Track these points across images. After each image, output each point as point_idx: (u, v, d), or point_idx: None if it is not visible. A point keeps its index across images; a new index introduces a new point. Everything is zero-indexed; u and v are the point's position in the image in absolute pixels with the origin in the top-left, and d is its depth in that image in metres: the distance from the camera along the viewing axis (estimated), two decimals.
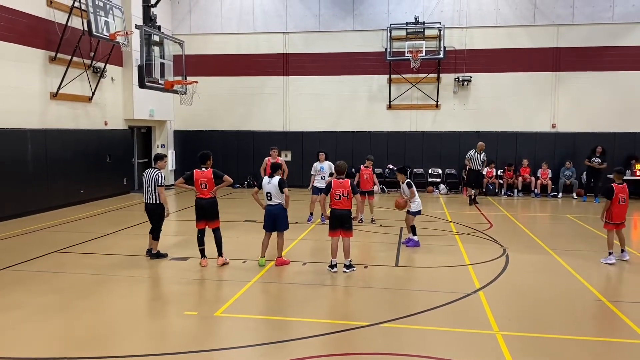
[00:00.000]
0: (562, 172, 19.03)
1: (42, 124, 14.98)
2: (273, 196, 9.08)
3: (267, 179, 9.15)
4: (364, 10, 20.60)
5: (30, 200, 14.31)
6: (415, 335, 6.25)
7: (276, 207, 9.12)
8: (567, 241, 11.57)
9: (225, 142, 21.34)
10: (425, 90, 20.48)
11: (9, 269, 8.93)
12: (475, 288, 7.99)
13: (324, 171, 13.32)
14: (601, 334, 6.49)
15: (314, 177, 13.40)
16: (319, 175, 13.33)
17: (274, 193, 9.06)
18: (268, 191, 9.10)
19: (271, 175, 9.16)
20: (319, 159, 13.51)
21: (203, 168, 9.11)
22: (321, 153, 13.62)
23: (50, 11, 15.13)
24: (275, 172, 9.21)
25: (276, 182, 9.05)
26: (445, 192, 20.03)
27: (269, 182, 9.11)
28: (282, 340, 6.05)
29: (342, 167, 9.01)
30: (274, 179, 9.10)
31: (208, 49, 21.42)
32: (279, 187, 9.03)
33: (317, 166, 13.44)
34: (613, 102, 19.24)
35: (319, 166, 13.42)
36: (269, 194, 9.11)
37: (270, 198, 9.11)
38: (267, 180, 9.15)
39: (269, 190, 9.09)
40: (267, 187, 9.11)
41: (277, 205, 9.12)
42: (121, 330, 6.41)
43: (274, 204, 9.12)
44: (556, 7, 19.45)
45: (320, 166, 13.41)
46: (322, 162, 13.43)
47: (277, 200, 9.09)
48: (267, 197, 9.13)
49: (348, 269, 8.89)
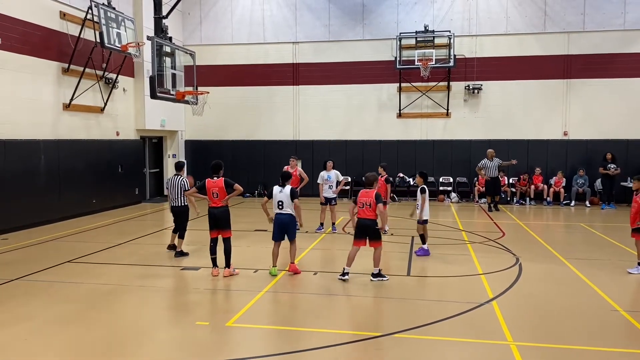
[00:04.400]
0: (575, 180, 18.87)
1: (54, 134, 15.13)
2: (285, 205, 9.07)
3: (279, 188, 9.13)
4: (374, 20, 20.66)
5: (43, 211, 14.42)
6: (429, 346, 6.20)
7: (287, 216, 9.12)
8: (581, 250, 11.44)
9: (236, 152, 21.41)
10: (436, 99, 20.45)
11: (22, 279, 8.98)
12: (488, 298, 7.91)
13: (330, 180, 13.24)
14: (617, 344, 6.38)
15: (322, 186, 13.33)
16: (327, 184, 13.24)
17: (286, 202, 9.05)
18: (280, 200, 9.08)
19: (283, 184, 9.16)
20: (326, 167, 13.43)
21: (215, 177, 9.14)
22: (329, 162, 13.56)
23: (63, 23, 15.33)
24: (286, 181, 9.21)
25: (288, 192, 9.06)
26: (457, 200, 19.92)
27: (280, 191, 9.10)
28: (293, 351, 6.02)
29: (371, 178, 9.02)
30: (285, 188, 9.10)
31: (218, 60, 21.56)
32: (290, 196, 9.03)
33: (324, 175, 13.35)
34: (625, 109, 19.08)
35: (325, 175, 13.34)
36: (280, 203, 9.08)
37: (282, 207, 9.09)
38: (278, 189, 9.14)
39: (280, 199, 9.07)
40: (278, 195, 9.10)
41: (287, 215, 9.11)
42: (133, 340, 6.42)
43: (285, 213, 9.11)
44: (566, 15, 19.38)
45: (327, 175, 13.32)
46: (329, 171, 13.34)
47: (288, 209, 9.09)
48: (279, 205, 9.11)
49: (375, 277, 8.85)
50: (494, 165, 17.50)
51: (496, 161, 17.54)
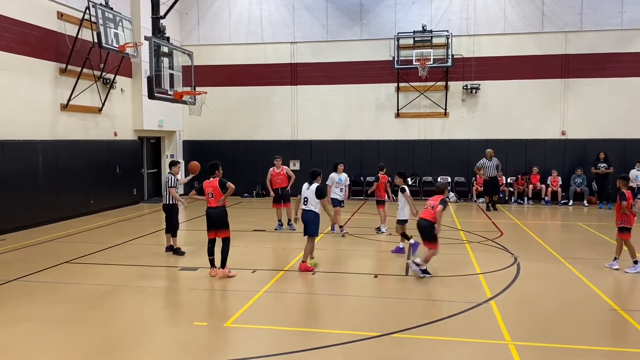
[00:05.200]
0: (573, 179, 18.90)
1: (52, 135, 15.11)
2: (309, 202, 9.26)
3: (307, 185, 9.38)
4: (372, 20, 20.67)
5: (41, 211, 14.40)
6: (427, 346, 6.20)
7: (309, 212, 9.29)
8: (579, 249, 11.46)
9: (234, 152, 21.40)
10: (434, 99, 20.46)
11: (20, 280, 8.97)
12: (486, 297, 7.91)
13: (341, 183, 12.95)
14: (615, 343, 6.39)
15: (330, 187, 12.93)
16: (338, 187, 12.92)
17: (311, 199, 9.23)
18: (305, 196, 9.31)
19: (310, 182, 9.37)
20: (337, 170, 13.10)
21: (211, 178, 9.13)
22: (340, 164, 13.17)
23: (60, 24, 15.31)
24: (314, 179, 9.41)
25: (314, 189, 9.24)
26: (455, 200, 19.93)
27: (307, 188, 9.34)
28: (291, 351, 6.01)
29: (442, 187, 9.53)
30: (312, 186, 9.31)
31: (216, 60, 21.55)
32: (316, 194, 9.18)
33: (334, 177, 12.98)
34: (623, 109, 19.13)
35: (336, 178, 12.96)
36: (305, 199, 9.31)
37: (307, 203, 9.29)
38: (306, 186, 9.38)
39: (306, 195, 9.31)
40: (305, 192, 9.34)
41: (310, 211, 9.28)
42: (131, 341, 6.41)
43: (308, 210, 9.29)
44: (564, 14, 19.41)
45: (338, 178, 12.99)
46: (340, 174, 13.04)
47: (311, 206, 9.25)
48: (304, 202, 9.33)
49: (422, 272, 9.02)
50: (493, 165, 17.55)
51: (495, 161, 17.58)
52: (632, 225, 9.50)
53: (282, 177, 13.71)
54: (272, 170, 13.79)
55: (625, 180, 9.90)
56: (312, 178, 9.41)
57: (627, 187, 9.77)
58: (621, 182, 9.86)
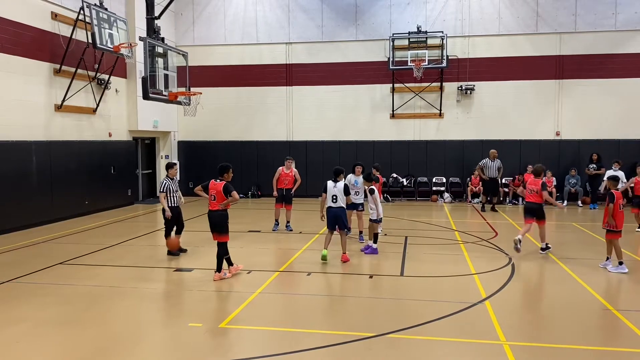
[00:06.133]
0: (567, 179, 18.99)
1: (46, 136, 15.05)
2: (338, 199, 10.00)
3: (332, 183, 10.07)
4: (367, 20, 20.69)
5: (35, 212, 14.34)
6: (422, 346, 6.21)
7: (339, 209, 10.04)
8: (573, 249, 11.50)
9: (229, 153, 21.32)
10: (429, 99, 20.50)
11: (14, 282, 8.93)
12: (481, 297, 7.93)
13: (357, 186, 12.03)
14: (609, 343, 6.42)
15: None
16: (353, 190, 11.97)
17: (340, 196, 9.99)
18: (334, 194, 10.01)
19: (335, 180, 10.06)
20: (355, 172, 12.20)
21: (219, 180, 9.00)
22: (358, 166, 12.25)
23: (55, 24, 15.25)
24: (338, 176, 10.10)
25: (342, 187, 10.01)
26: (450, 200, 19.98)
27: (334, 186, 10.04)
28: (287, 351, 6.01)
29: (539, 169, 10.93)
30: (339, 184, 10.04)
31: (211, 60, 21.52)
32: (344, 191, 9.97)
33: (351, 179, 12.11)
34: (617, 109, 19.23)
35: (353, 180, 12.12)
36: (334, 197, 10.02)
37: (336, 200, 10.02)
38: (332, 184, 10.07)
39: (334, 193, 10.02)
40: (332, 190, 10.04)
41: (339, 208, 10.04)
42: (126, 342, 6.39)
43: (337, 207, 10.03)
44: (558, 15, 19.49)
45: (354, 180, 12.12)
46: (358, 176, 12.09)
47: (340, 203, 10.01)
48: (333, 199, 10.05)
49: (543, 250, 10.78)
50: (495, 166, 17.57)
51: (497, 162, 17.60)
52: (619, 228, 9.48)
53: (290, 178, 13.62)
54: (282, 170, 13.69)
55: (614, 181, 9.91)
56: (336, 176, 10.09)
57: (616, 187, 9.77)
58: (610, 183, 9.89)
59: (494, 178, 17.63)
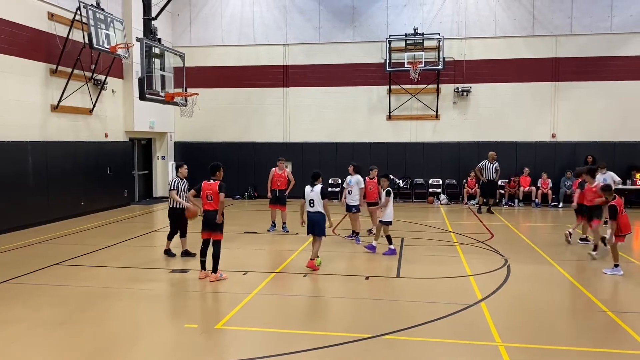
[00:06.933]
0: (563, 182, 19.04)
1: (42, 136, 15.01)
2: (316, 203, 9.50)
3: (310, 188, 9.60)
4: (364, 22, 20.72)
5: (31, 213, 14.30)
6: (418, 347, 6.22)
7: (317, 214, 9.54)
8: (569, 251, 11.53)
9: (226, 154, 21.31)
10: (425, 101, 20.54)
11: (9, 282, 8.90)
12: (477, 299, 7.95)
13: (350, 185, 12.24)
14: (604, 345, 6.44)
15: (346, 191, 12.55)
16: (347, 189, 12.32)
17: (317, 200, 9.49)
18: (311, 198, 9.54)
19: (312, 183, 9.59)
20: (349, 171, 12.53)
21: (212, 180, 9.02)
22: (350, 165, 12.53)
23: (51, 24, 15.22)
24: (316, 180, 9.61)
25: (318, 190, 9.53)
26: (446, 202, 20.01)
27: (311, 190, 9.56)
28: (283, 353, 6.01)
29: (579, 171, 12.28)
30: (316, 187, 9.56)
31: (208, 61, 21.52)
32: (320, 195, 9.47)
33: (347, 179, 12.50)
34: (612, 112, 19.30)
35: (348, 179, 12.42)
36: (311, 201, 9.54)
37: (313, 205, 9.53)
38: (309, 188, 9.60)
39: (312, 197, 9.54)
40: (310, 194, 9.57)
41: (318, 213, 9.53)
42: (122, 343, 6.38)
43: (316, 212, 9.53)
44: (554, 18, 19.57)
45: (349, 179, 12.37)
46: (353, 175, 12.34)
47: (318, 207, 9.51)
48: (310, 204, 9.57)
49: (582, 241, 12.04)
50: (493, 168, 17.60)
51: (495, 164, 17.63)
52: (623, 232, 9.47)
53: (283, 179, 13.61)
54: (274, 171, 13.70)
55: (609, 191, 9.71)
56: (314, 180, 9.61)
57: (612, 196, 9.54)
58: (605, 194, 9.74)
59: (492, 180, 17.67)
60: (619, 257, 9.52)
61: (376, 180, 12.96)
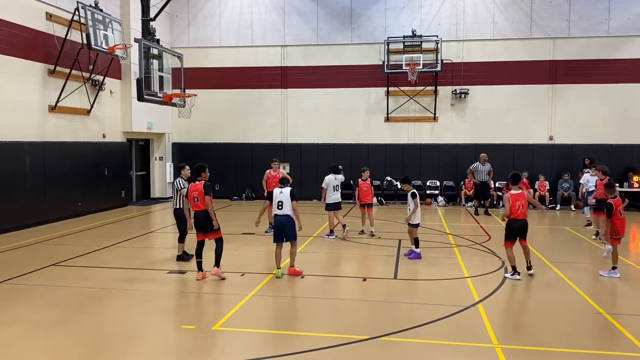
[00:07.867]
0: (560, 184, 19.08)
1: (40, 136, 14.99)
2: (284, 206, 9.15)
3: (279, 190, 9.29)
4: (362, 24, 20.75)
5: (28, 213, 14.27)
6: (415, 349, 6.23)
7: (285, 217, 9.18)
8: (566, 253, 11.56)
9: (224, 155, 21.37)
10: (423, 103, 20.58)
11: (6, 283, 8.89)
12: (474, 301, 7.96)
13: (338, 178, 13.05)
14: (601, 347, 6.46)
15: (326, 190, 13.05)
16: (334, 184, 13.00)
17: (286, 203, 9.14)
18: (280, 200, 9.18)
19: (281, 186, 9.37)
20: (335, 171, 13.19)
21: (197, 181, 9.07)
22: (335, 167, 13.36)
23: (49, 25, 15.21)
24: (284, 184, 9.41)
25: (288, 193, 9.21)
26: (444, 204, 20.04)
27: (280, 192, 9.25)
28: (280, 354, 6.02)
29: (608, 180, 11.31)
30: (285, 189, 9.28)
31: (206, 62, 21.53)
32: (290, 197, 9.16)
33: (331, 178, 13.02)
34: (609, 114, 19.36)
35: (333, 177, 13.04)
36: (280, 204, 9.18)
37: (282, 207, 9.17)
38: (278, 190, 9.30)
39: (280, 199, 9.18)
40: (279, 196, 9.21)
41: (286, 216, 9.17)
42: (120, 344, 6.37)
43: (283, 215, 9.17)
44: (552, 21, 19.63)
45: (334, 177, 13.05)
46: (328, 175, 13.09)
47: (287, 211, 9.15)
48: (279, 206, 9.20)
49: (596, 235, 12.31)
50: (485, 169, 17.63)
51: (488, 166, 17.66)
52: (620, 235, 9.47)
53: (277, 180, 13.63)
54: (269, 173, 13.76)
55: (610, 188, 9.68)
56: (282, 184, 9.45)
57: (613, 194, 9.53)
58: (607, 191, 9.75)
59: (484, 182, 17.69)
60: (617, 260, 9.53)
61: (369, 181, 13.18)
